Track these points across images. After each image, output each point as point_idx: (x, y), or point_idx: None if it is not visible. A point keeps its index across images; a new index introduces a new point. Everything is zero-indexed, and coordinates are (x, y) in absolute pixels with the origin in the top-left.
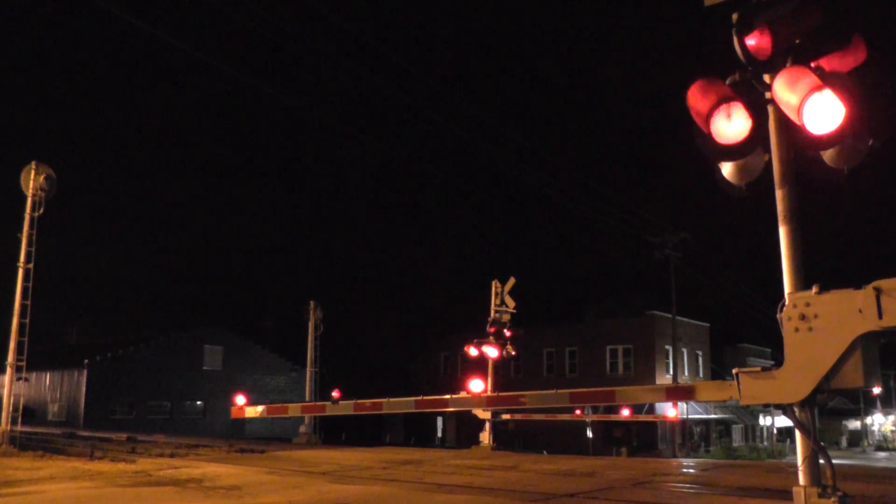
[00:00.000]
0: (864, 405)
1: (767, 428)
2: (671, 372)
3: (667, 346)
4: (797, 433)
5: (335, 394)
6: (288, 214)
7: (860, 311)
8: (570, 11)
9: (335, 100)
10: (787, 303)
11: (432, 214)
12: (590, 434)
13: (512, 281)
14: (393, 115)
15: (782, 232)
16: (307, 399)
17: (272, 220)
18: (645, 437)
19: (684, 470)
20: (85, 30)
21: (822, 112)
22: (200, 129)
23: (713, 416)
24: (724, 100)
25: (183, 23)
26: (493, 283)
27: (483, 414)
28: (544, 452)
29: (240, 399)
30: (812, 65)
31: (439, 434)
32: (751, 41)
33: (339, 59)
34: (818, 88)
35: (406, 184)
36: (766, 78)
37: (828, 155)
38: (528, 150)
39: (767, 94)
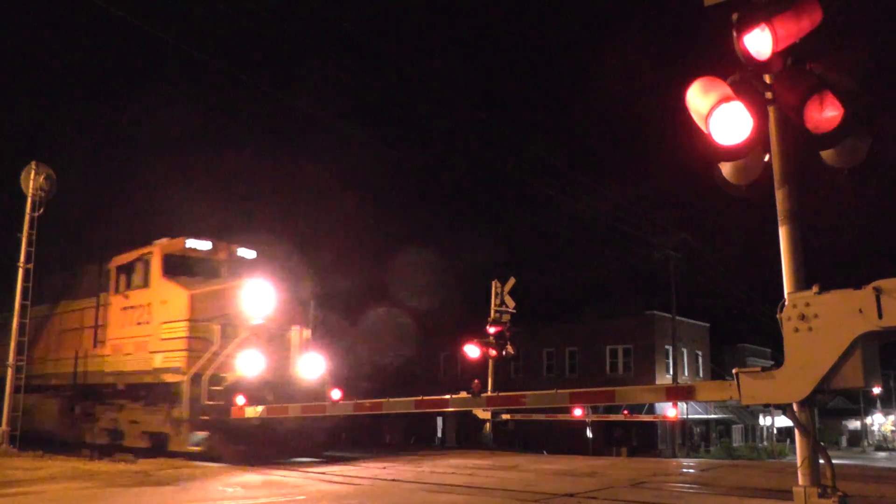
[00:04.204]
0: (864, 405)
1: (767, 428)
2: (671, 372)
3: (667, 346)
4: (797, 433)
5: (335, 393)
6: (287, 213)
7: (860, 311)
8: (570, 10)
9: (333, 98)
10: (787, 303)
11: (431, 214)
12: (590, 434)
13: (512, 281)
14: (390, 113)
15: (782, 232)
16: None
17: (271, 219)
18: (645, 438)
19: (684, 470)
20: (85, 29)
21: (822, 112)
22: (202, 128)
23: (713, 416)
24: (724, 100)
25: (183, 23)
26: (493, 283)
27: (483, 414)
28: (544, 452)
29: (240, 399)
30: (812, 65)
31: (439, 434)
32: (751, 41)
33: (340, 60)
34: (817, 88)
35: (405, 183)
36: (766, 78)
37: (828, 155)
38: (526, 150)
39: (767, 94)
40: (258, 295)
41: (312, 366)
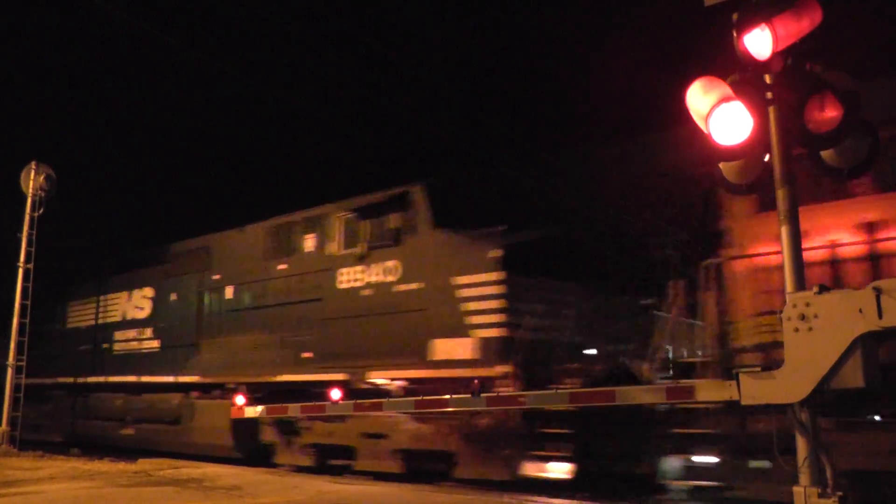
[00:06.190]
0: None
1: None
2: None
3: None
4: (797, 433)
5: (335, 394)
6: (288, 211)
7: (860, 311)
8: (566, 10)
9: (328, 95)
10: (787, 303)
11: None
12: None
13: None
14: (385, 110)
15: (782, 232)
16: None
17: (271, 217)
18: None
19: None
20: (85, 29)
21: (822, 112)
22: (203, 127)
23: None
24: (724, 100)
25: (184, 21)
26: None
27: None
28: None
29: (239, 399)
30: (812, 65)
31: None
32: (751, 41)
33: (333, 57)
34: (818, 88)
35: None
36: (766, 78)
37: (828, 155)
38: (526, 149)
39: (767, 94)
40: None
41: None
